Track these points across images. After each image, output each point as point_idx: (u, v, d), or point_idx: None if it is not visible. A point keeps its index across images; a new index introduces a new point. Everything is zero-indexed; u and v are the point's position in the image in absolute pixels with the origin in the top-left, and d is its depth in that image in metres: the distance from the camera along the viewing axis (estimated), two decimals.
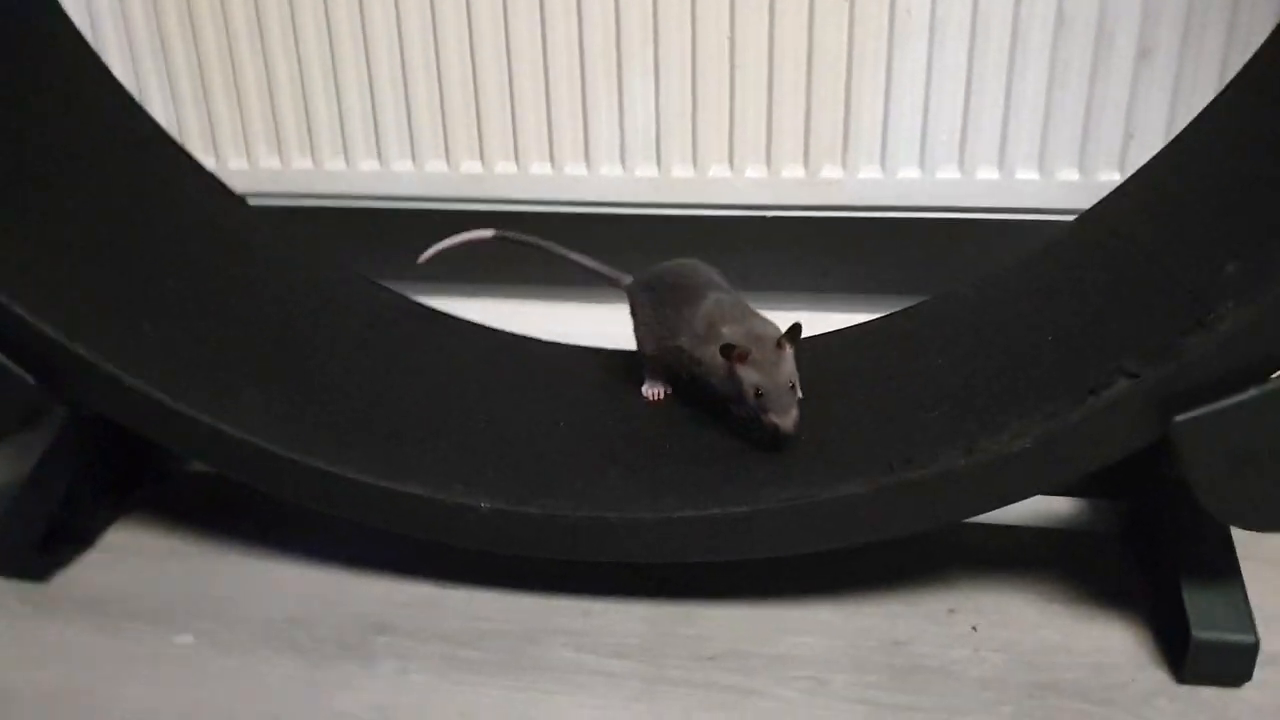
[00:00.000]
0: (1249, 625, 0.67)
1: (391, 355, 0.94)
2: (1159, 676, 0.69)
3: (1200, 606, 0.67)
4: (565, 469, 0.78)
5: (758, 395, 0.74)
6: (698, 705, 0.68)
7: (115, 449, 0.88)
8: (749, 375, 0.75)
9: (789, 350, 0.76)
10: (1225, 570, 0.69)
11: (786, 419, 0.74)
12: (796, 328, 0.75)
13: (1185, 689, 0.68)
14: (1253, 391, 0.60)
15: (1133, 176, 0.89)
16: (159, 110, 1.13)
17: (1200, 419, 0.61)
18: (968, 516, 0.70)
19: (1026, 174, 1.06)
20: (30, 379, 0.74)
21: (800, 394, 0.76)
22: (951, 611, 0.76)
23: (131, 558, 0.86)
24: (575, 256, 0.94)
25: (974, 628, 0.74)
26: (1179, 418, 0.61)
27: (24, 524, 0.83)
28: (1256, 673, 0.68)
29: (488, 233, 0.96)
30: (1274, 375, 0.61)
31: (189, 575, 0.83)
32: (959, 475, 0.67)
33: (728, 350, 0.75)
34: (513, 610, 0.78)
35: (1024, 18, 1.00)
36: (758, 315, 0.80)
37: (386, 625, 0.76)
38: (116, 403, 0.75)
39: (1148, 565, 0.76)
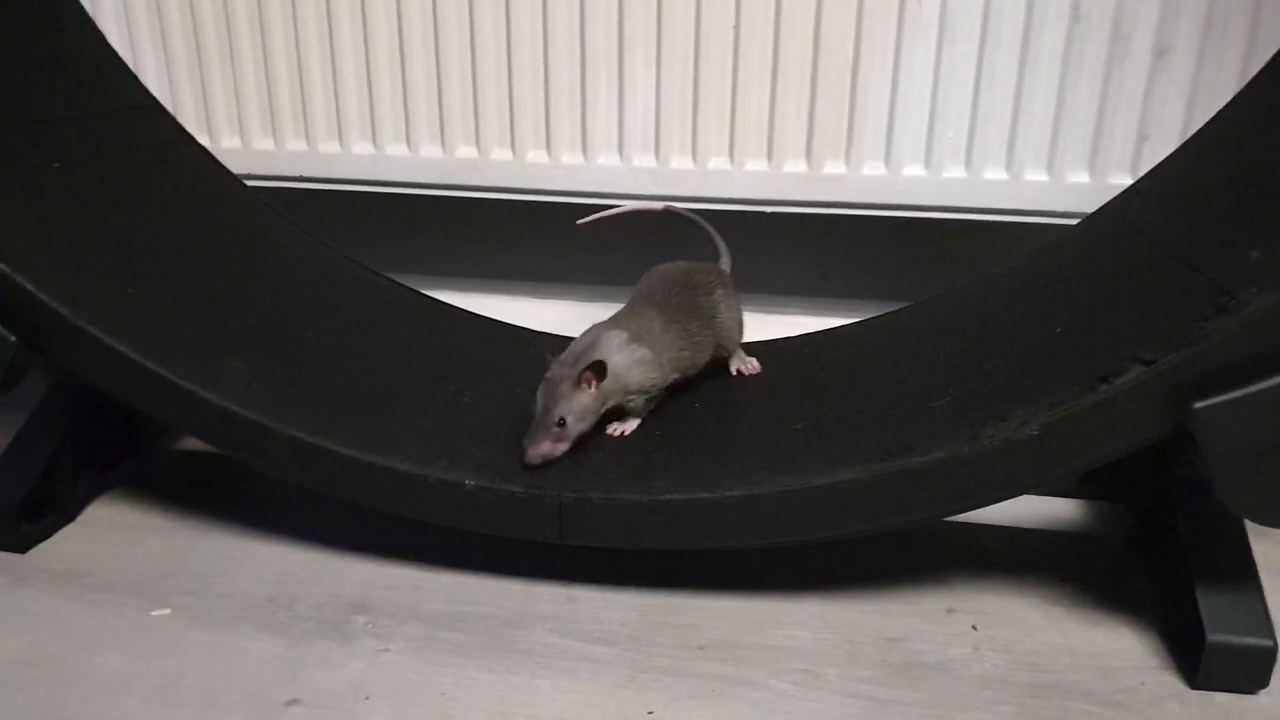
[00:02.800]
0: (1267, 628, 0.64)
1: (379, 336, 0.91)
2: (1169, 680, 0.66)
3: (1215, 609, 0.65)
4: None
5: (530, 414, 0.74)
6: (688, 694, 0.65)
7: (98, 423, 0.86)
8: (538, 392, 0.74)
9: (588, 389, 0.73)
10: (1241, 571, 0.66)
11: (530, 449, 0.72)
12: (598, 365, 0.73)
13: (1198, 694, 0.65)
14: (1278, 379, 0.58)
15: (1147, 174, 0.88)
16: (154, 87, 1.11)
17: (1221, 406, 0.58)
18: (971, 508, 0.68)
19: (1035, 175, 1.04)
20: (11, 337, 0.72)
21: (570, 432, 0.73)
22: (950, 611, 0.74)
23: (111, 532, 0.84)
24: (723, 247, 0.95)
25: (974, 627, 0.72)
26: (1198, 404, 0.59)
27: (3, 494, 0.80)
28: (1274, 678, 0.65)
29: (658, 205, 0.94)
30: None
31: (169, 551, 0.81)
32: (962, 463, 0.65)
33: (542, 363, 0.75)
34: (496, 595, 0.75)
35: (1038, 13, 0.98)
36: (634, 347, 0.77)
37: (367, 605, 0.74)
38: (96, 364, 0.73)
39: (1157, 568, 0.74)
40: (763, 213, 1.11)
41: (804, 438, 0.74)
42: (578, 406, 0.73)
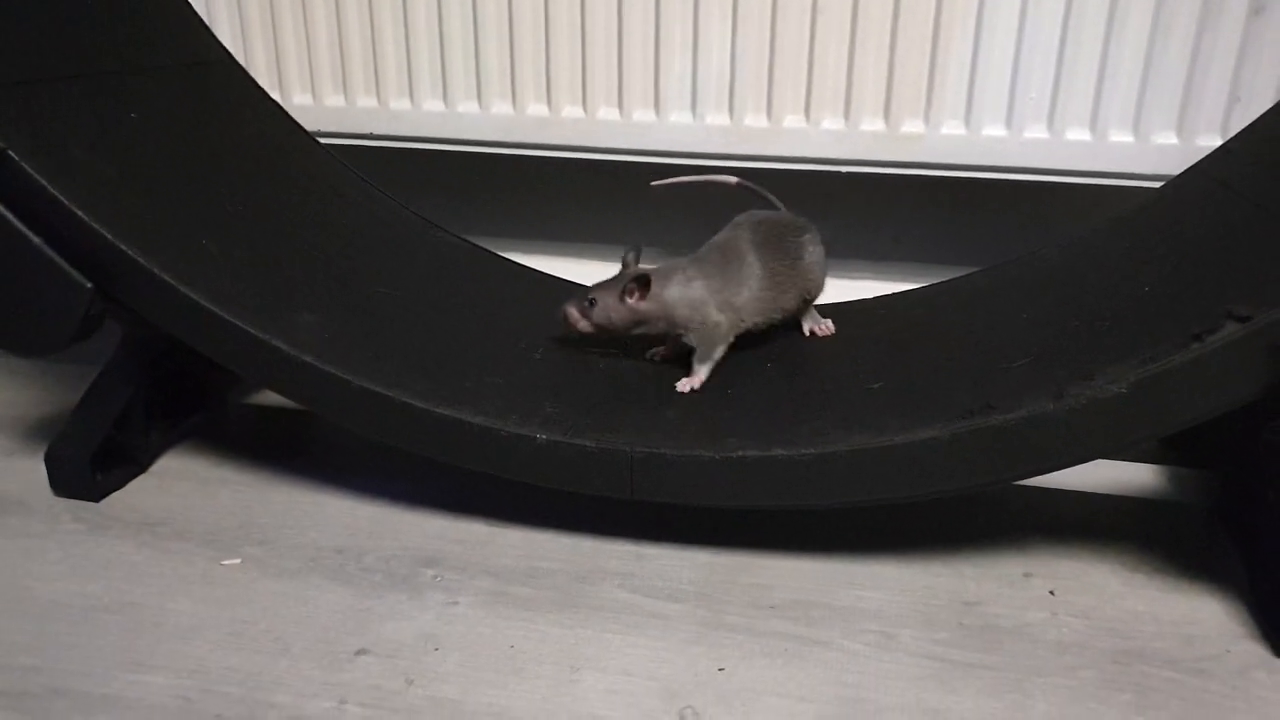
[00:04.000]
0: None
1: (450, 293, 0.91)
2: (1256, 650, 0.64)
3: None
4: (624, 407, 0.75)
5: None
6: (759, 652, 0.64)
7: (168, 376, 0.87)
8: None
9: (628, 300, 0.78)
10: None
11: (564, 307, 0.80)
12: (643, 278, 0.78)
13: None
14: None
15: (1239, 134, 0.85)
16: (227, 43, 1.12)
17: None
18: (1056, 468, 0.65)
19: (1120, 136, 1.00)
20: (87, 283, 0.72)
21: (594, 316, 0.79)
22: (1027, 575, 0.72)
23: (183, 483, 0.85)
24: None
25: (1051, 592, 0.70)
26: None
27: (78, 443, 0.82)
28: None
29: (732, 180, 0.94)
30: None
31: (239, 502, 0.82)
32: (1046, 422, 0.63)
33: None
34: (566, 550, 0.75)
35: None
36: (694, 283, 0.78)
37: (435, 559, 0.74)
38: (171, 313, 0.74)
39: (1244, 535, 0.71)
40: (838, 173, 1.08)
41: (881, 396, 0.73)
42: (611, 303, 0.78)
